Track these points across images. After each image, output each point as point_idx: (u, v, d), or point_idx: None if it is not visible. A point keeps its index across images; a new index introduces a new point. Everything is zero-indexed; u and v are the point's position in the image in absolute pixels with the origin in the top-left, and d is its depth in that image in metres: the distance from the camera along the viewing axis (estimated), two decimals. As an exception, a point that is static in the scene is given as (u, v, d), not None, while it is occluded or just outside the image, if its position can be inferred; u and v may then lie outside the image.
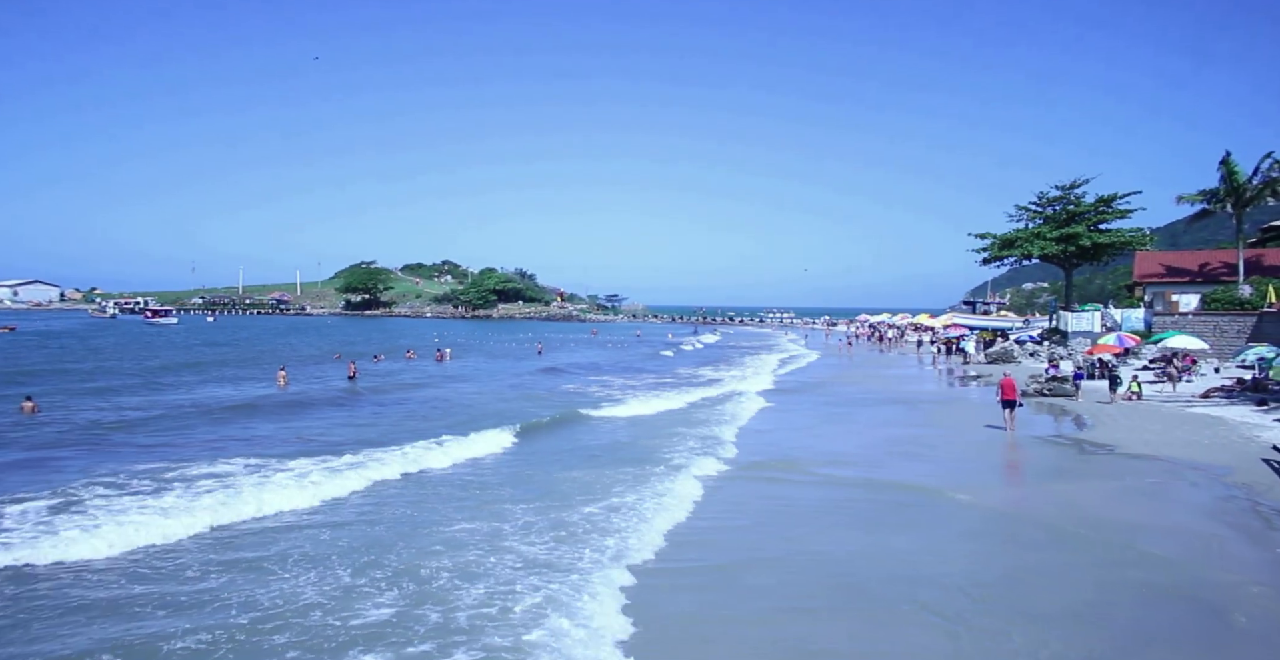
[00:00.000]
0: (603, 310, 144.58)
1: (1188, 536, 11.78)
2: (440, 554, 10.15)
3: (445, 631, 7.81)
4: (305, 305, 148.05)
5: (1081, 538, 11.64)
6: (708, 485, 14.72)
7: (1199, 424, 21.46)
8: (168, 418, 22.74)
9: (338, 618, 8.13)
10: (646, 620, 8.17)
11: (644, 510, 12.51)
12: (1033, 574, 9.99)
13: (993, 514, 13.28)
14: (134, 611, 8.30)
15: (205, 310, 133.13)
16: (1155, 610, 8.88)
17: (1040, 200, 55.33)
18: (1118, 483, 15.53)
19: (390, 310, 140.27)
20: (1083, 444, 19.34)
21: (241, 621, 7.98)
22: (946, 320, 72.07)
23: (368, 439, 19.09)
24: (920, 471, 16.26)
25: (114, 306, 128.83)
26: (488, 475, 15.54)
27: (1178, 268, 49.16)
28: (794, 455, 17.97)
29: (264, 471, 14.86)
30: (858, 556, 10.59)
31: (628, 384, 34.89)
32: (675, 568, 10.00)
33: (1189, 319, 40.25)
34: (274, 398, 27.93)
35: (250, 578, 9.28)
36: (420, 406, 26.36)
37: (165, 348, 53.30)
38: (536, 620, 8.00)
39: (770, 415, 25.06)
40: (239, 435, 19.96)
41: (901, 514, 12.96)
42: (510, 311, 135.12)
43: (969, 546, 11.32)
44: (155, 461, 15.92)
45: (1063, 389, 28.32)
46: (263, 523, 11.82)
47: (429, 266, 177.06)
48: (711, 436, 20.05)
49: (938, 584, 9.43)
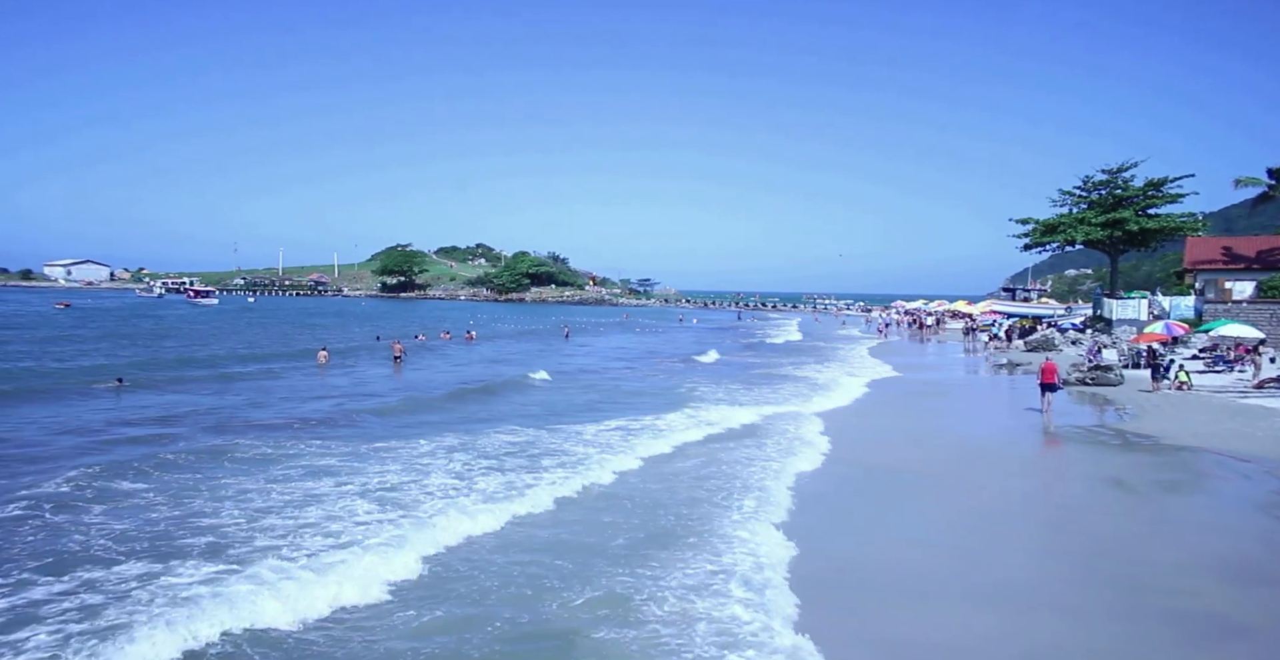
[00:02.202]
0: (635, 294, 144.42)
1: (1236, 531, 11.32)
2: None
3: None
4: (342, 287, 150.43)
5: (1113, 533, 11.23)
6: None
7: (1252, 415, 20.60)
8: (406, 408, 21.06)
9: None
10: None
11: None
12: (1078, 564, 9.65)
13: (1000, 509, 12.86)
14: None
15: (246, 291, 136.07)
16: (1198, 612, 8.48)
17: (1085, 184, 53.52)
18: (1163, 475, 14.99)
19: (425, 293, 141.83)
20: (1125, 434, 18.68)
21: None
22: (985, 307, 70.52)
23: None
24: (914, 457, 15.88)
25: (160, 286, 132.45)
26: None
27: (1234, 253, 47.25)
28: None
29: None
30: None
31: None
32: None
33: (1243, 306, 38.72)
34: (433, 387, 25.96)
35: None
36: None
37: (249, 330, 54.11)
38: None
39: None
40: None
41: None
42: (543, 295, 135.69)
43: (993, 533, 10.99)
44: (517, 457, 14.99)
45: (1106, 378, 27.44)
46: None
47: (463, 250, 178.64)
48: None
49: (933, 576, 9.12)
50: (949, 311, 76.77)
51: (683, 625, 7.49)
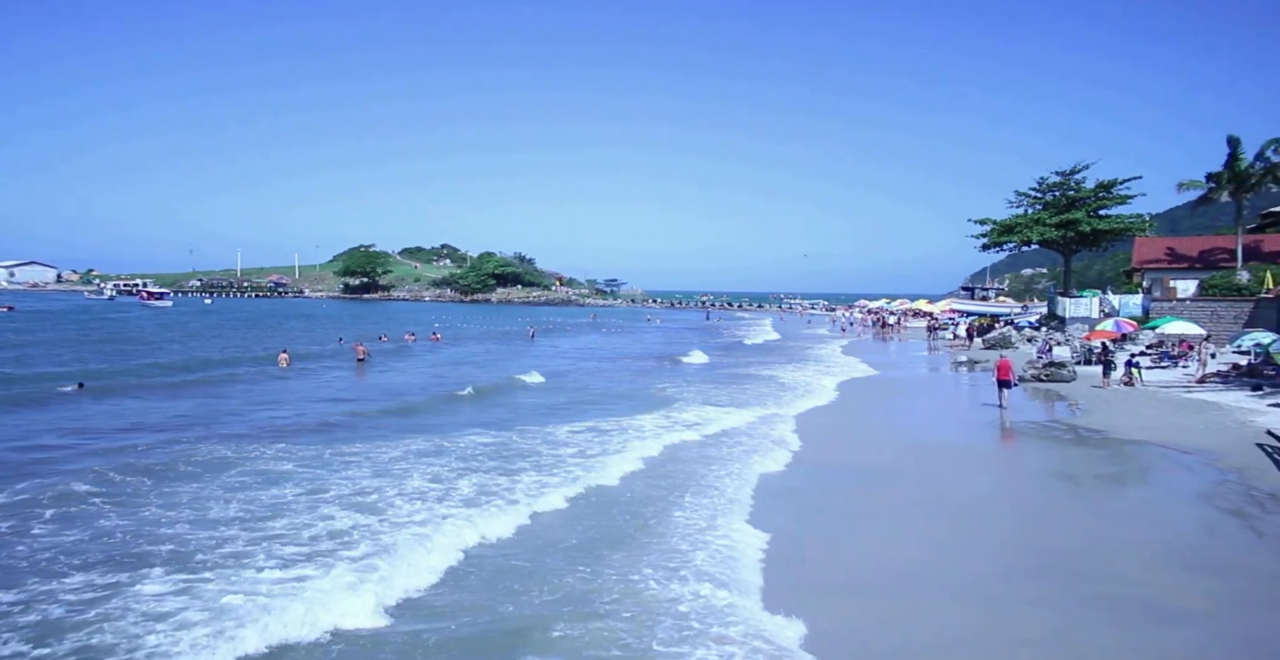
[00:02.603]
0: (602, 294, 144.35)
1: (1180, 521, 11.92)
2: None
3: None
4: (303, 288, 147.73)
5: (1068, 523, 11.74)
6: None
7: (1194, 409, 21.53)
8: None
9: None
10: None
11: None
12: (1020, 551, 10.08)
13: (966, 501, 13.35)
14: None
15: (203, 293, 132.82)
16: (1143, 597, 8.94)
17: (1040, 186, 55.08)
18: (1111, 467, 15.65)
19: (389, 294, 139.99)
20: (1077, 429, 19.39)
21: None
22: (945, 306, 72.10)
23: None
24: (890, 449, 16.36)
25: (112, 288, 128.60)
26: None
27: (1177, 253, 49.09)
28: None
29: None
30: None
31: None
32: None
33: (1186, 304, 40.28)
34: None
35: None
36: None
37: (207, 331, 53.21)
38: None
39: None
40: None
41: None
42: (509, 295, 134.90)
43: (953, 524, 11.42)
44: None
45: (1060, 374, 28.38)
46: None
47: (428, 250, 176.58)
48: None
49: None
50: (911, 310, 78.30)
51: (656, 605, 7.74)
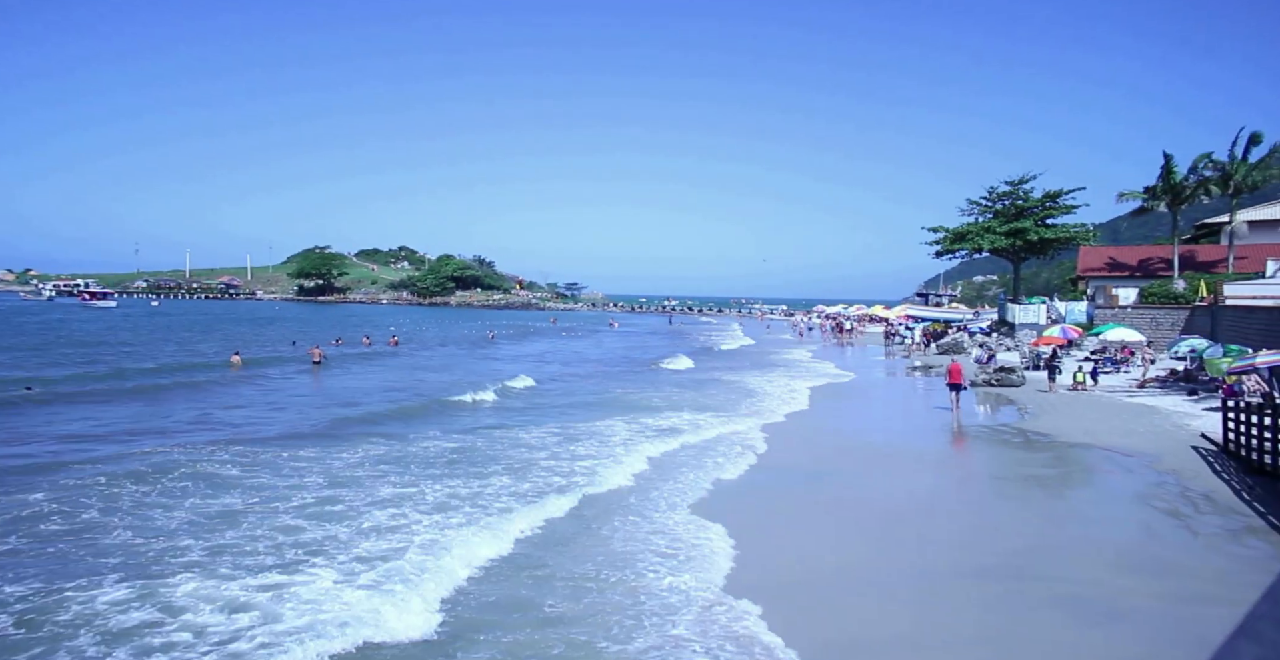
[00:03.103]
0: (562, 298, 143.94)
1: (1121, 521, 12.48)
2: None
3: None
4: (256, 290, 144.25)
5: (1014, 523, 12.20)
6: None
7: (1134, 413, 22.43)
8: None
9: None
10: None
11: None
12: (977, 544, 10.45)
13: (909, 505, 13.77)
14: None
15: (149, 294, 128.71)
16: (1087, 595, 9.34)
17: (990, 195, 56.73)
18: (1055, 470, 16.26)
19: (345, 296, 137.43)
20: (1025, 432, 20.06)
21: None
22: (900, 312, 73.64)
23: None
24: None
25: (51, 288, 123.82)
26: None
27: (1118, 262, 51.08)
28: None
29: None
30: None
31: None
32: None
33: (1128, 312, 41.89)
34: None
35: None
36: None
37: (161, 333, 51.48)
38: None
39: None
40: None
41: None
42: (468, 299, 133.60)
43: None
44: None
45: (1009, 379, 29.29)
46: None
47: (385, 252, 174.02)
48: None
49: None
50: (867, 316, 79.78)
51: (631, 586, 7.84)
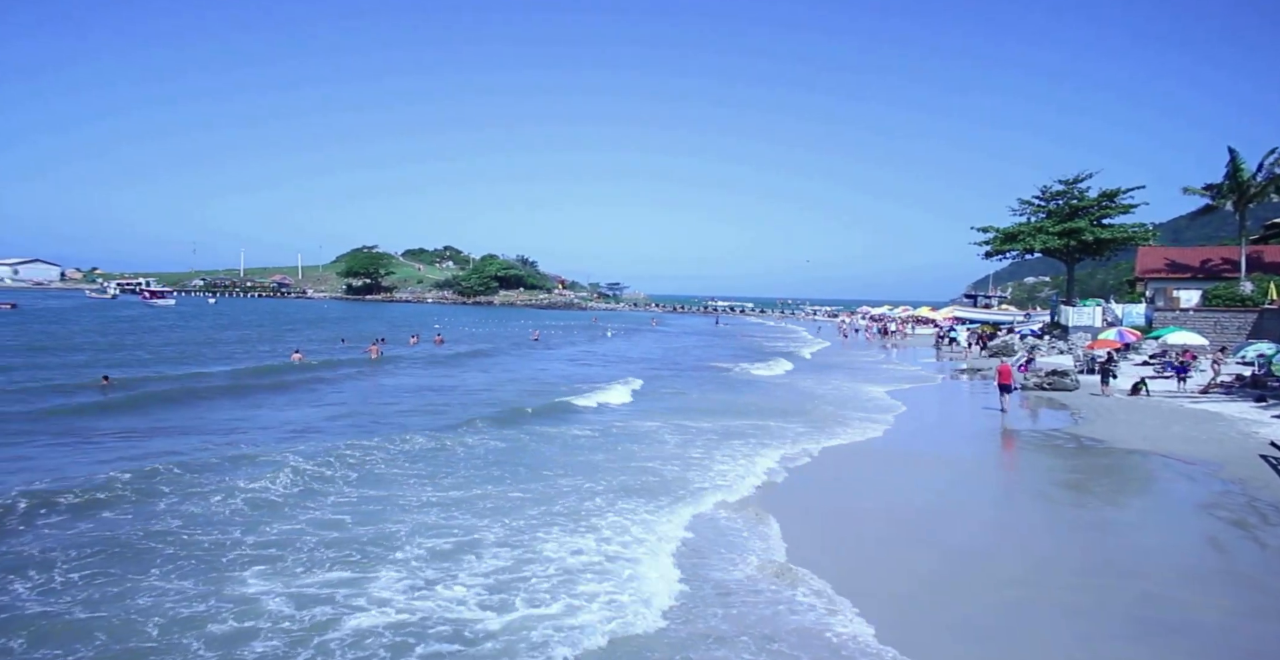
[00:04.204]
0: (604, 298, 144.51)
1: (1183, 531, 11.99)
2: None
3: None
4: (306, 288, 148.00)
5: (1070, 532, 11.81)
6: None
7: (1197, 419, 21.56)
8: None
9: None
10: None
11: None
12: (1025, 559, 10.16)
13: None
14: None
15: (206, 292, 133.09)
16: (1146, 607, 9.00)
17: (1043, 194, 55.15)
18: (1112, 477, 15.72)
19: (391, 295, 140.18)
20: (1079, 438, 19.43)
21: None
22: (948, 313, 72.21)
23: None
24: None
25: (115, 287, 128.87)
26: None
27: (1180, 263, 49.18)
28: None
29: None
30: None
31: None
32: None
33: (1190, 315, 40.32)
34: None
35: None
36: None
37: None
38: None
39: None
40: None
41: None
42: (511, 298, 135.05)
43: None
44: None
45: (1062, 383, 28.43)
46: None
47: (431, 252, 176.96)
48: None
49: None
50: (913, 317, 78.41)
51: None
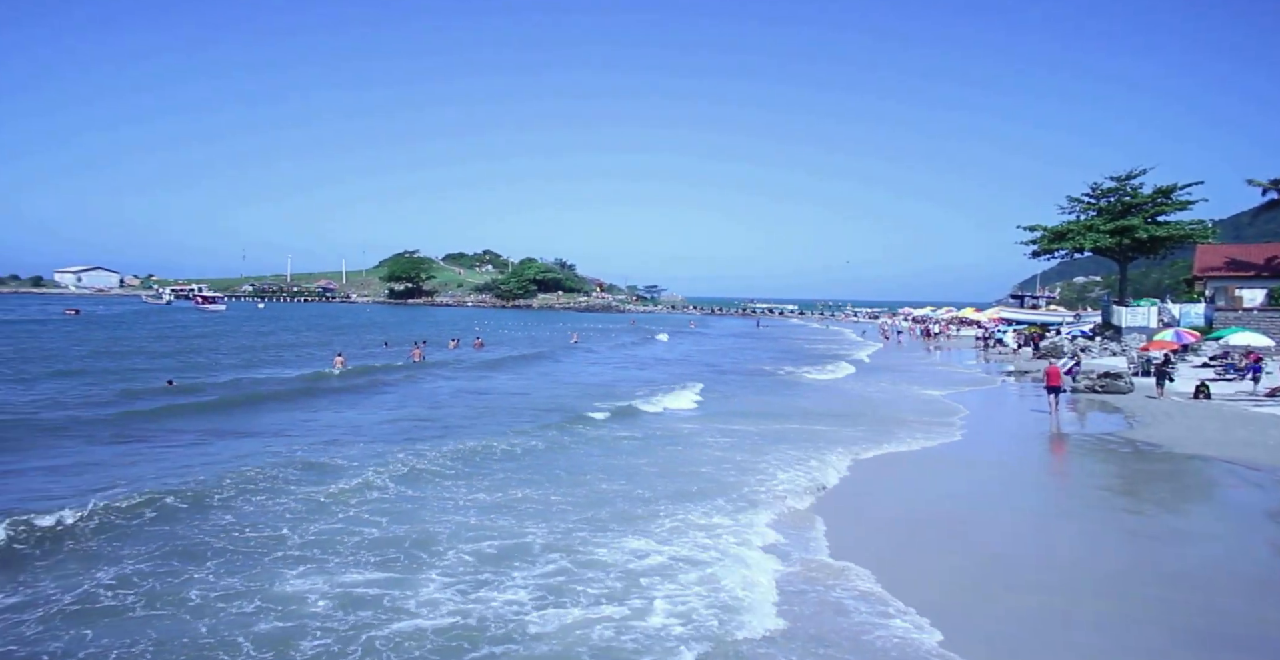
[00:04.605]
0: (642, 301, 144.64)
1: (1249, 541, 11.36)
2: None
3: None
4: (350, 293, 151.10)
5: (1118, 541, 11.28)
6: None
7: (1262, 424, 20.54)
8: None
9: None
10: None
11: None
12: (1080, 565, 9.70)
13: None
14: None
15: (255, 297, 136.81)
16: (1209, 619, 8.51)
17: (1094, 191, 53.52)
18: (1171, 483, 15.01)
19: (432, 299, 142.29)
20: (1135, 442, 18.65)
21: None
22: (993, 314, 70.40)
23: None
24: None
25: (170, 293, 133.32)
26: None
27: (1242, 261, 47.08)
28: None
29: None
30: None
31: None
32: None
33: (1254, 315, 38.60)
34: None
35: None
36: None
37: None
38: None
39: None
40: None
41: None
42: (550, 301, 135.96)
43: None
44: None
45: (1116, 385, 27.39)
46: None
47: (470, 256, 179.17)
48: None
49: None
50: (957, 319, 76.70)
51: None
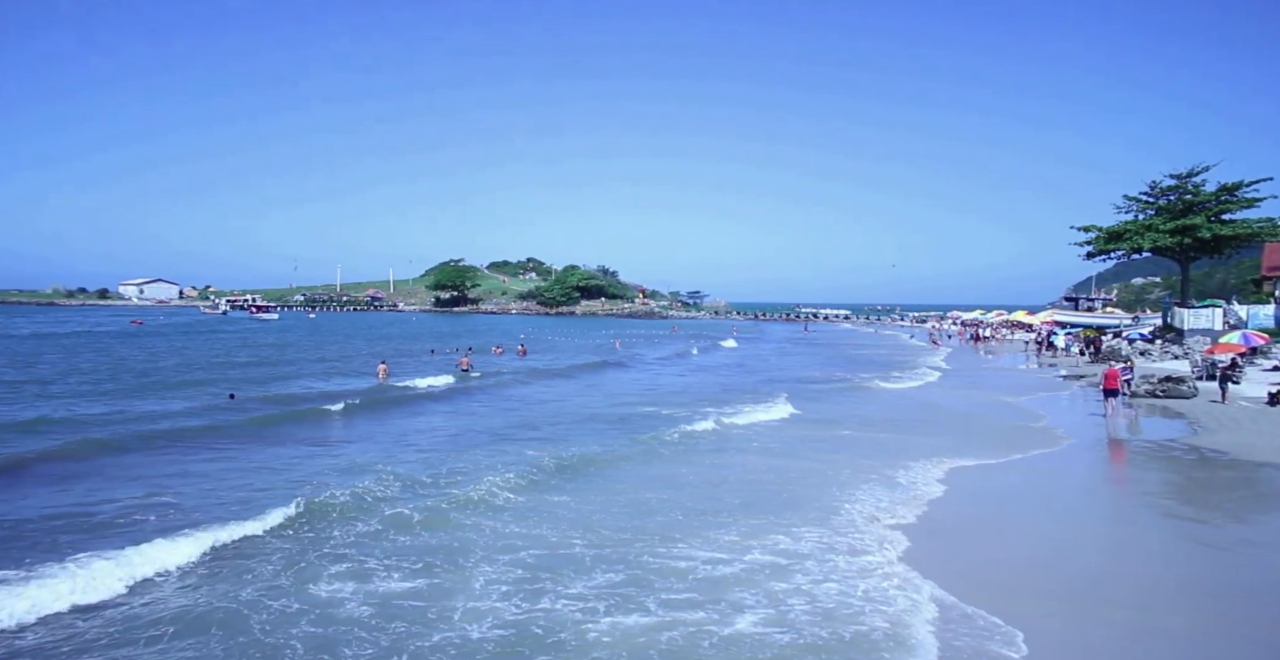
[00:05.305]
0: (685, 307, 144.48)
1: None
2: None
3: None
4: (397, 302, 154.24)
5: (1186, 554, 10.81)
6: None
7: (1340, 430, 19.52)
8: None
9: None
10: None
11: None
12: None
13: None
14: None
15: (306, 307, 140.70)
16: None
17: (1152, 189, 51.71)
18: (1241, 492, 14.35)
19: (477, 307, 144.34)
20: (1200, 449, 17.88)
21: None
22: (1045, 317, 68.49)
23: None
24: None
25: (225, 303, 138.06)
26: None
27: (1314, 260, 44.97)
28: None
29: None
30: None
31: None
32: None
33: (1327, 315, 36.76)
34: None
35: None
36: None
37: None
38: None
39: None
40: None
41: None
42: (593, 308, 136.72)
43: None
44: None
45: (1179, 390, 26.34)
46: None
47: (514, 264, 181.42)
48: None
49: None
50: (1008, 322, 74.84)
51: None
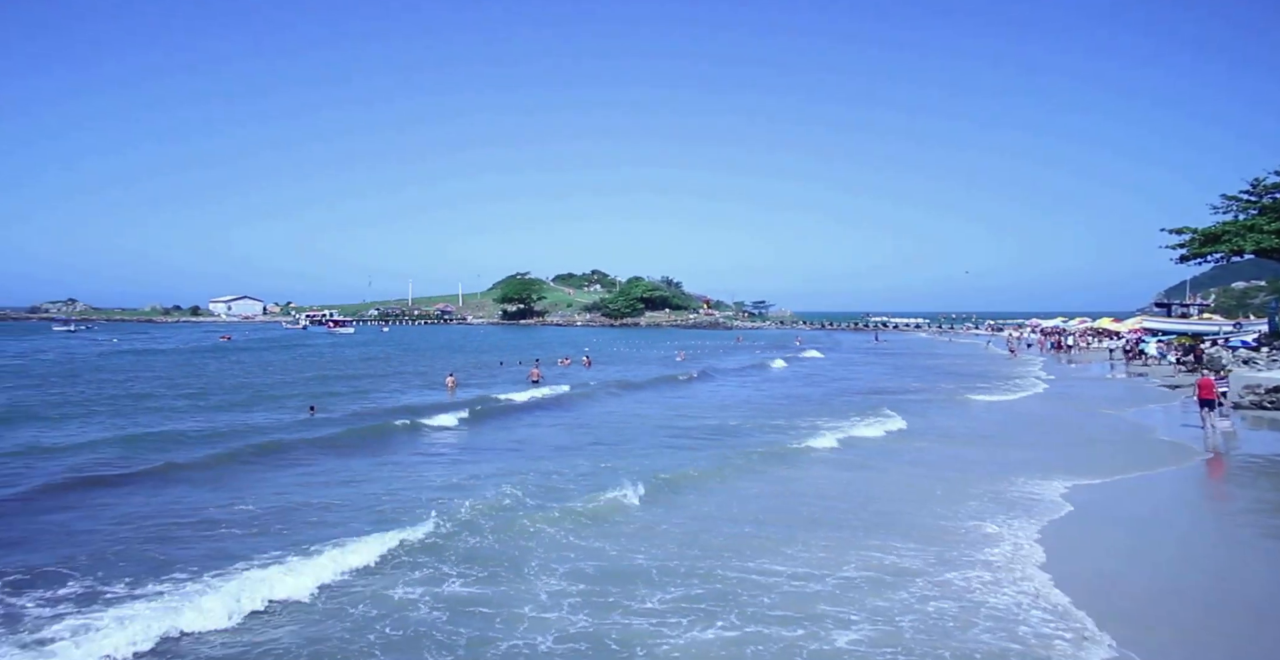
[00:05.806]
0: (750, 317, 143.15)
1: None
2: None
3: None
4: (466, 315, 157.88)
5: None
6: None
7: None
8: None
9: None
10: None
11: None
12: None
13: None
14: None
15: (379, 321, 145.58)
16: None
17: (1255, 187, 48.42)
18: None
19: (543, 319, 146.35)
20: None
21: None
22: (1134, 324, 64.88)
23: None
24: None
25: (305, 319, 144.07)
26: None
27: None
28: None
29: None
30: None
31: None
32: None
33: None
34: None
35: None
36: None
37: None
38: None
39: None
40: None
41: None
42: (657, 319, 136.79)
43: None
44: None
45: (1290, 401, 24.46)
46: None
47: (579, 276, 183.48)
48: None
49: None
50: (1092, 329, 71.29)
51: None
